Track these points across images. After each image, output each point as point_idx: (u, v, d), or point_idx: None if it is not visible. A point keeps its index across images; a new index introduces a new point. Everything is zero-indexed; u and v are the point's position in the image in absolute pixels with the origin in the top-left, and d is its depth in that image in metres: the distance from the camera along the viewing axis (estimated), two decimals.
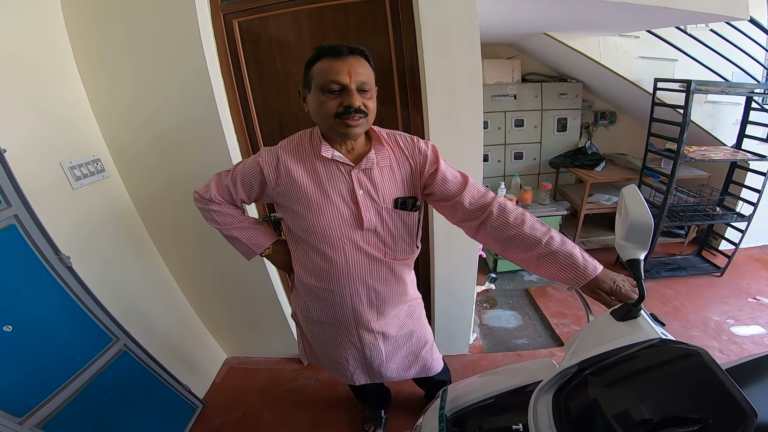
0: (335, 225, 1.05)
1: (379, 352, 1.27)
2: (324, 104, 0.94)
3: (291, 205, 1.06)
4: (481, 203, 1.04)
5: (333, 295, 1.15)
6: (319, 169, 1.04)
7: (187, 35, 1.42)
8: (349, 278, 1.11)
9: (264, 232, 1.23)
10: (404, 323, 1.29)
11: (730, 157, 2.59)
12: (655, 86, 2.63)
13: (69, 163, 1.49)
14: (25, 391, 1.23)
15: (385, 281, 1.16)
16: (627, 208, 0.76)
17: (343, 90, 0.92)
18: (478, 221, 1.03)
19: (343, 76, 0.91)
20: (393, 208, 1.08)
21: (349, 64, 0.91)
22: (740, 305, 2.54)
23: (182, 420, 1.86)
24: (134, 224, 1.82)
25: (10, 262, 1.21)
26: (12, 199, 1.19)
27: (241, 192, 1.10)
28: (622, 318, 0.72)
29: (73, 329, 1.38)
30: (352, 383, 1.40)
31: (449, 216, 1.11)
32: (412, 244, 1.18)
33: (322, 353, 1.37)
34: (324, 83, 0.92)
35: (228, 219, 1.16)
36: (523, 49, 3.28)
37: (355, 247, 1.08)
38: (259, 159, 1.06)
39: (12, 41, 1.33)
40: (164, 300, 1.97)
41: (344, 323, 1.21)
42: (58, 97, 1.49)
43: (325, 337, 1.28)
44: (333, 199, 1.04)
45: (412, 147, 1.09)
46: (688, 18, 2.26)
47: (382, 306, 1.20)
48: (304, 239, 1.10)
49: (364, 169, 1.04)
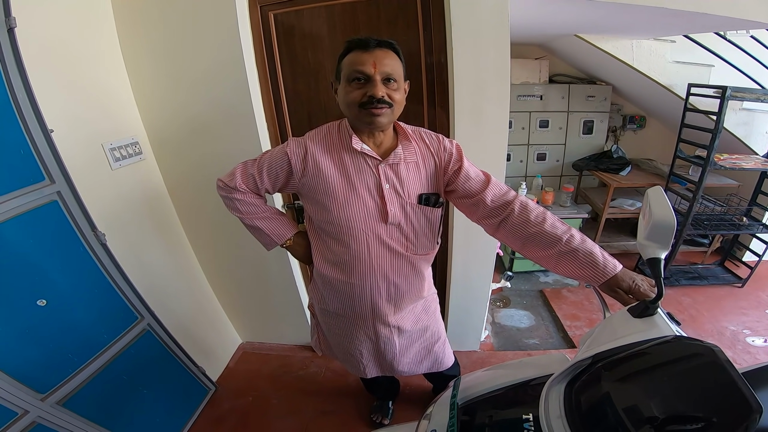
0: (360, 218, 1.06)
1: (393, 346, 1.28)
2: (349, 94, 0.96)
3: (316, 196, 1.07)
4: (502, 201, 1.05)
5: (353, 287, 1.16)
6: (346, 161, 1.05)
7: (225, 26, 1.47)
8: (370, 271, 1.12)
9: (286, 222, 1.23)
10: (419, 318, 1.31)
11: (761, 166, 2.52)
12: (689, 91, 2.56)
13: (110, 144, 1.56)
14: (50, 368, 1.25)
15: (405, 276, 1.17)
16: (651, 208, 0.78)
17: (368, 80, 0.94)
18: (498, 219, 1.04)
19: (368, 66, 0.93)
20: (417, 204, 1.09)
21: (375, 56, 0.93)
22: (759, 317, 2.49)
23: (194, 402, 1.91)
24: (165, 206, 1.89)
25: (50, 236, 1.25)
26: (56, 176, 1.24)
27: (267, 181, 1.11)
28: (639, 315, 0.73)
29: (102, 306, 1.42)
30: (363, 376, 1.41)
31: (470, 213, 1.12)
32: (433, 240, 1.19)
33: (336, 345, 1.38)
34: (350, 73, 0.95)
35: (251, 208, 1.16)
36: (551, 49, 3.23)
37: (378, 240, 1.09)
38: (286, 149, 1.06)
39: (61, 29, 1.39)
40: (186, 282, 2.03)
41: (361, 316, 1.22)
42: (103, 82, 1.55)
43: (340, 329, 1.29)
44: (359, 192, 1.05)
45: (437, 144, 1.11)
46: (729, 24, 2.20)
47: (400, 300, 1.21)
48: (326, 231, 1.11)
49: (391, 163, 1.05)
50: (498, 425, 0.80)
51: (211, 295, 2.21)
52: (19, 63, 1.13)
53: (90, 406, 1.37)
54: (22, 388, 1.16)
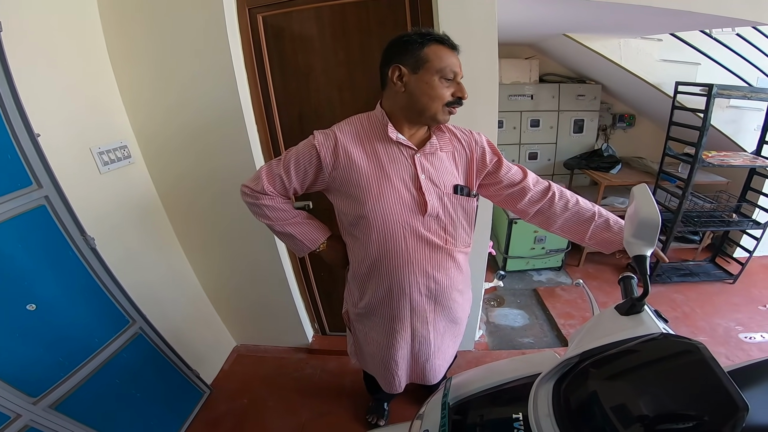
0: (396, 210, 1.02)
1: (428, 346, 1.24)
2: (439, 88, 0.96)
3: (348, 189, 1.03)
4: (542, 186, 1.14)
5: (391, 285, 1.11)
6: (379, 151, 1.03)
7: (213, 29, 1.46)
8: (408, 267, 1.08)
9: (318, 226, 1.19)
10: (456, 317, 1.27)
11: (750, 163, 2.55)
12: (676, 89, 2.59)
13: (98, 148, 1.55)
14: (42, 372, 1.24)
15: (446, 270, 1.13)
16: (637, 206, 0.79)
17: (452, 80, 0.97)
18: (541, 203, 1.13)
19: (459, 68, 0.97)
20: (453, 194, 1.07)
21: (458, 58, 0.98)
22: (751, 313, 2.52)
23: (189, 405, 1.90)
24: (155, 209, 1.88)
25: (39, 241, 1.24)
26: (43, 180, 1.24)
27: (295, 180, 1.07)
28: (626, 312, 0.73)
29: (92, 310, 1.41)
30: (395, 391, 1.37)
31: (513, 202, 1.16)
32: (471, 233, 1.16)
33: (370, 356, 1.33)
34: (443, 68, 0.95)
35: (280, 214, 1.12)
36: (541, 49, 3.25)
37: (415, 234, 1.05)
38: (314, 142, 1.03)
39: (48, 32, 1.38)
40: (178, 285, 2.02)
41: (398, 317, 1.17)
42: (90, 86, 1.54)
43: (377, 334, 1.24)
44: (394, 183, 1.02)
45: (468, 138, 1.12)
46: (714, 22, 2.22)
47: (440, 296, 1.16)
48: (359, 226, 1.07)
49: (427, 153, 1.05)
50: (489, 425, 0.80)
51: (204, 298, 2.20)
52: (4, 67, 1.12)
53: (83, 409, 1.36)
54: (13, 392, 1.16)
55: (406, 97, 0.99)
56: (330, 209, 1.17)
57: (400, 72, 0.97)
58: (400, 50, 0.98)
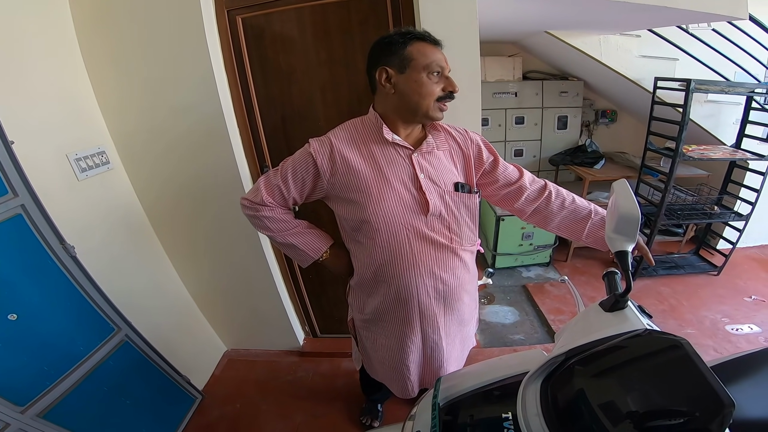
0: (397, 212, 1.01)
1: (441, 352, 1.20)
2: (428, 85, 0.96)
3: (348, 194, 1.02)
4: (538, 185, 1.15)
5: (398, 289, 1.08)
6: (376, 153, 1.02)
7: (191, 31, 1.44)
8: (414, 269, 1.05)
9: (320, 235, 1.18)
10: (464, 319, 1.25)
11: (729, 156, 2.60)
12: (656, 85, 2.63)
13: (75, 154, 1.51)
14: (28, 381, 1.22)
15: (453, 270, 1.10)
16: (616, 201, 0.79)
17: (439, 76, 0.97)
18: (539, 201, 1.14)
19: (444, 63, 0.97)
20: (454, 191, 1.06)
21: (442, 53, 0.98)
22: (736, 304, 2.56)
23: (181, 411, 1.87)
24: (137, 216, 1.84)
25: (16, 251, 1.22)
26: (19, 189, 1.20)
27: (293, 189, 1.06)
28: (610, 309, 0.74)
29: (76, 319, 1.39)
30: (408, 396, 1.32)
31: (510, 201, 1.16)
32: (475, 230, 1.14)
33: (380, 363, 1.29)
34: (429, 64, 0.95)
35: (281, 225, 1.11)
36: (524, 47, 3.28)
37: (419, 235, 1.03)
38: (310, 149, 1.02)
39: (20, 36, 1.35)
40: (165, 291, 1.99)
41: (408, 321, 1.14)
42: (65, 91, 1.51)
43: (387, 340, 1.21)
44: (394, 185, 1.01)
45: (464, 136, 1.12)
46: (690, 17, 2.27)
47: (449, 298, 1.14)
48: (362, 231, 1.06)
49: (424, 152, 1.04)
50: (479, 425, 0.80)
51: (192, 304, 2.16)
52: None
53: (72, 417, 1.34)
54: (0, 401, 1.14)
55: (397, 98, 1.00)
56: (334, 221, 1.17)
57: (388, 74, 0.98)
58: (384, 52, 0.98)
